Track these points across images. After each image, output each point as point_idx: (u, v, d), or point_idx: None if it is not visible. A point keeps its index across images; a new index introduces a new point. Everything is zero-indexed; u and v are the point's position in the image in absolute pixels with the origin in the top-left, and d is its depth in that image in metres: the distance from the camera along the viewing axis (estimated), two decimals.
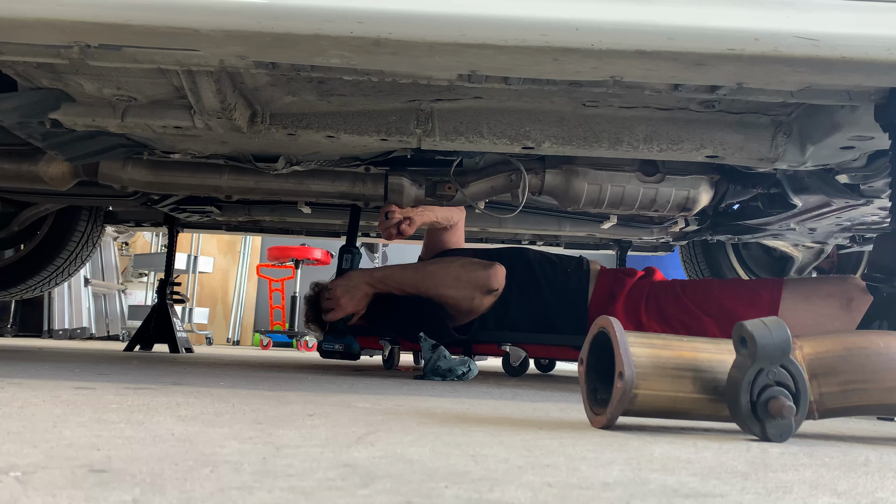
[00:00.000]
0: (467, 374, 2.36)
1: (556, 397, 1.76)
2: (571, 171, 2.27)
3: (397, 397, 1.52)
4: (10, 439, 0.76)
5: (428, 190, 2.45)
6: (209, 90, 1.70)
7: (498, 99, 1.88)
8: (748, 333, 1.01)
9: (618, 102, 1.85)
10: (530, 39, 1.30)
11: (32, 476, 0.58)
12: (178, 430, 0.88)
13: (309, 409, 1.19)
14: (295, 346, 6.51)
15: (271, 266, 7.77)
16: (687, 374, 1.05)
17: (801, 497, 0.64)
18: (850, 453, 0.94)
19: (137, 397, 1.28)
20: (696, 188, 2.27)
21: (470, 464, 0.72)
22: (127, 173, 2.45)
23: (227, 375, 2.05)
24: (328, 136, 1.96)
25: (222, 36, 1.33)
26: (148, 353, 3.50)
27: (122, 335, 6.75)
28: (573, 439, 0.95)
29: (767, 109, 1.87)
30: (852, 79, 1.42)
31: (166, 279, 3.76)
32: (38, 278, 3.61)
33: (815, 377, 1.04)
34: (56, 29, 1.34)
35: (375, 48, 1.35)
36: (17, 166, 2.47)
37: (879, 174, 2.03)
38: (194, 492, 0.55)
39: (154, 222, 3.75)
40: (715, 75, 1.45)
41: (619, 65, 1.39)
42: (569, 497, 0.59)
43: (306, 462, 0.70)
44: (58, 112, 1.86)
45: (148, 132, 1.98)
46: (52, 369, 1.99)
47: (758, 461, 0.83)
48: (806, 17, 1.29)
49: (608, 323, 1.09)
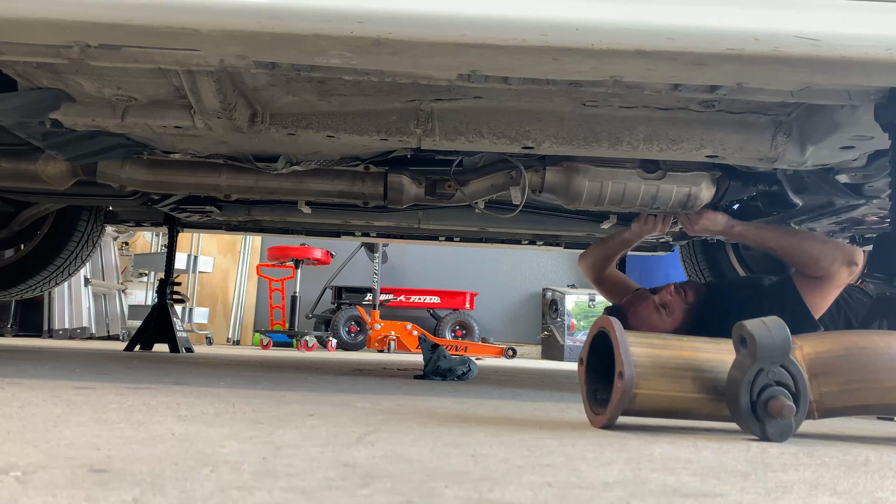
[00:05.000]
0: (467, 374, 2.36)
1: (557, 397, 1.76)
2: (572, 169, 2.26)
3: (397, 397, 1.52)
4: (10, 439, 0.76)
5: (428, 189, 2.45)
6: (209, 90, 1.70)
7: (498, 99, 1.88)
8: (748, 333, 1.01)
9: (618, 102, 1.85)
10: (530, 39, 1.30)
11: (32, 476, 0.58)
12: (179, 430, 0.88)
13: (309, 409, 1.19)
14: (295, 346, 6.50)
15: (271, 266, 7.77)
16: (687, 374, 1.05)
17: (800, 497, 0.64)
18: (850, 453, 0.94)
19: (137, 397, 1.28)
20: (697, 185, 2.26)
21: (470, 463, 0.72)
22: (126, 172, 2.45)
23: (228, 375, 2.05)
24: (328, 135, 1.96)
25: (222, 36, 1.33)
26: (148, 352, 3.50)
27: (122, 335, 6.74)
28: (573, 439, 0.95)
29: (767, 109, 1.87)
30: (852, 79, 1.42)
31: (166, 279, 3.76)
32: (39, 278, 3.61)
33: (815, 377, 1.04)
34: (56, 29, 1.34)
35: (375, 48, 1.35)
36: (15, 165, 2.47)
37: (879, 174, 2.03)
38: (194, 491, 0.55)
39: (154, 222, 3.75)
40: (715, 75, 1.45)
41: (619, 65, 1.39)
42: (569, 497, 0.59)
43: (306, 462, 0.70)
44: (58, 112, 1.86)
45: (148, 132, 1.98)
46: (52, 369, 1.99)
47: (758, 461, 0.83)
48: (806, 17, 1.28)
49: (608, 323, 1.09)
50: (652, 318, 2.30)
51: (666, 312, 2.29)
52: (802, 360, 1.05)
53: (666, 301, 2.31)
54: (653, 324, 2.29)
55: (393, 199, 2.46)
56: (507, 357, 6.84)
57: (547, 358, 7.99)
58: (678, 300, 2.31)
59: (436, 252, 8.47)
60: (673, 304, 2.30)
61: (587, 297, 7.74)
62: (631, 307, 2.37)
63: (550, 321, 8.01)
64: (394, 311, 7.84)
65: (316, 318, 7.63)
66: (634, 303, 2.38)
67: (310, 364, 3.21)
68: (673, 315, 2.29)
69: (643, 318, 2.30)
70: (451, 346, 6.76)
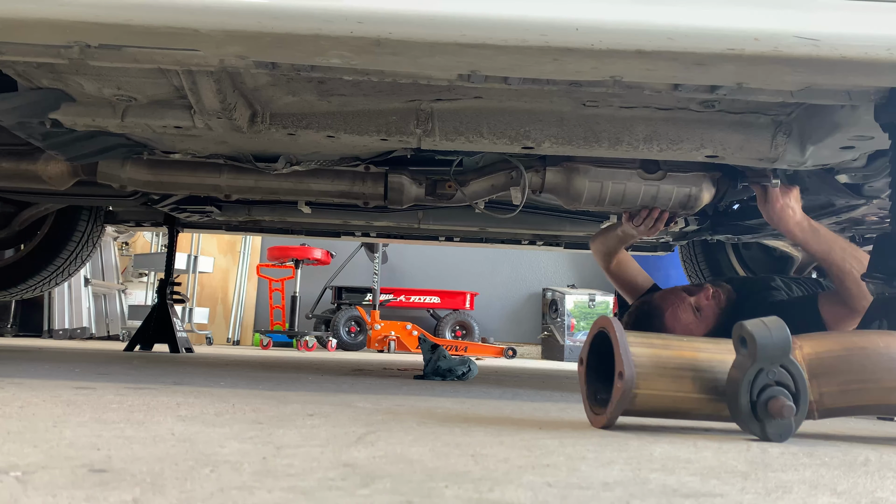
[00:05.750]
0: (467, 374, 2.36)
1: (557, 397, 1.76)
2: (572, 169, 2.26)
3: (397, 397, 1.52)
4: (11, 439, 0.76)
5: (428, 189, 2.45)
6: (209, 90, 1.70)
7: (498, 99, 1.88)
8: (748, 333, 1.01)
9: (618, 102, 1.85)
10: (530, 39, 1.30)
11: (33, 476, 0.58)
12: (179, 430, 0.88)
13: (309, 409, 1.19)
14: (295, 346, 6.50)
15: (271, 266, 7.77)
16: (687, 374, 1.05)
17: (800, 497, 0.64)
18: (850, 453, 0.94)
19: (137, 397, 1.28)
20: (697, 186, 2.26)
21: (470, 463, 0.72)
22: (126, 172, 2.45)
23: (228, 375, 2.05)
24: (328, 136, 1.96)
25: (222, 36, 1.33)
26: (148, 353, 3.50)
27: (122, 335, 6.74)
28: (573, 439, 0.95)
29: (767, 109, 1.87)
30: (852, 79, 1.42)
31: (166, 279, 3.76)
32: (39, 278, 3.61)
33: (814, 377, 1.04)
34: (56, 29, 1.34)
35: (376, 48, 1.35)
36: (15, 165, 2.47)
37: (879, 174, 2.03)
38: (194, 492, 0.55)
39: (154, 222, 3.75)
40: (715, 75, 1.45)
41: (618, 65, 1.39)
42: (569, 497, 0.59)
43: (306, 462, 0.70)
44: (58, 112, 1.86)
45: (148, 132, 1.98)
46: (52, 369, 1.99)
47: (758, 461, 0.83)
48: (806, 17, 1.29)
49: (608, 323, 1.09)
50: (690, 322, 2.26)
51: (701, 316, 2.26)
52: (802, 360, 1.05)
53: (702, 305, 2.27)
54: (689, 328, 2.26)
55: (393, 199, 2.46)
56: (507, 357, 6.85)
57: (547, 358, 7.99)
58: (713, 305, 2.28)
59: (436, 252, 8.47)
60: (708, 308, 2.27)
61: (587, 297, 7.74)
62: (669, 307, 2.30)
63: (550, 321, 8.01)
64: (394, 312, 7.84)
65: (316, 318, 7.63)
66: (672, 303, 2.31)
67: (310, 364, 3.21)
68: (706, 320, 2.26)
69: (683, 321, 2.26)
70: (451, 347, 6.76)
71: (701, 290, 2.31)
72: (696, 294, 2.30)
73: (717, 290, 2.32)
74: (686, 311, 2.27)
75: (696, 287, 2.36)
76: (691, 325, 2.26)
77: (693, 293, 2.31)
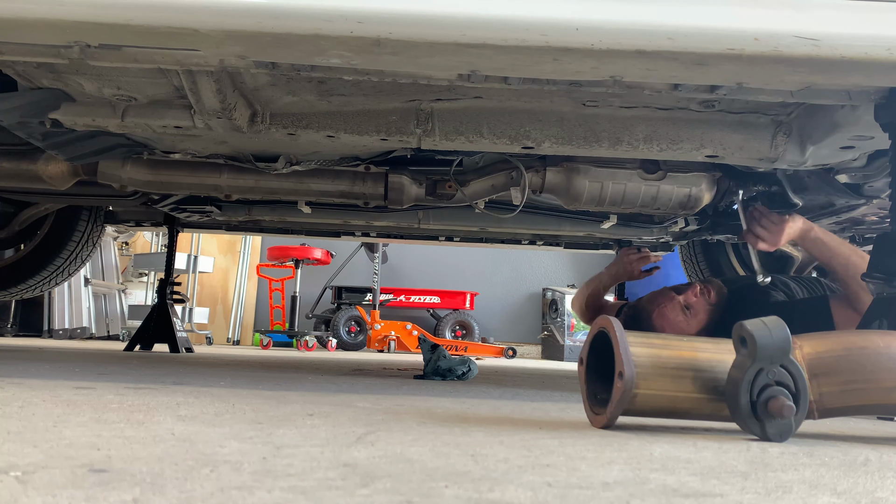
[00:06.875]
0: (467, 374, 2.36)
1: (556, 397, 1.76)
2: (572, 169, 2.26)
3: (397, 397, 1.52)
4: (10, 439, 0.76)
5: (428, 189, 2.45)
6: (209, 90, 1.70)
7: (498, 99, 1.88)
8: (748, 333, 1.01)
9: (618, 102, 1.85)
10: (530, 39, 1.30)
11: (32, 476, 0.58)
12: (179, 430, 0.88)
13: (309, 409, 1.19)
14: (295, 346, 6.50)
15: (271, 266, 7.77)
16: (687, 374, 1.05)
17: (800, 497, 0.64)
18: (850, 453, 0.94)
19: (137, 397, 1.28)
20: (697, 186, 2.26)
21: (470, 463, 0.72)
22: (126, 172, 2.45)
23: (227, 375, 2.05)
24: (328, 135, 1.96)
25: (222, 36, 1.33)
26: (148, 352, 3.50)
27: (122, 335, 6.74)
28: (573, 439, 0.95)
29: (767, 109, 1.87)
30: (852, 79, 1.42)
31: (166, 279, 3.76)
32: (39, 278, 3.61)
33: (814, 377, 1.04)
34: (56, 29, 1.34)
35: (375, 48, 1.35)
36: (15, 165, 2.47)
37: (879, 174, 2.03)
38: (194, 491, 0.55)
39: (154, 222, 3.75)
40: (715, 75, 1.45)
41: (618, 65, 1.39)
42: (569, 497, 0.59)
43: (306, 462, 0.70)
44: (58, 112, 1.86)
45: (148, 132, 1.98)
46: (52, 369, 1.99)
47: (757, 461, 0.83)
48: (806, 17, 1.29)
49: (608, 323, 1.09)
50: (678, 319, 2.25)
51: (691, 314, 2.26)
52: (802, 360, 1.05)
53: (691, 302, 2.26)
54: (679, 326, 2.25)
55: (393, 199, 2.47)
56: (507, 357, 6.84)
57: (547, 358, 7.99)
58: (702, 301, 2.27)
59: (436, 252, 8.47)
60: (697, 305, 2.26)
61: None
62: (656, 307, 2.30)
63: (550, 321, 8.01)
64: (394, 311, 7.84)
65: (316, 318, 7.63)
66: (659, 303, 2.31)
67: (310, 364, 3.21)
68: (697, 317, 2.25)
69: (669, 319, 2.26)
70: (451, 346, 6.76)
71: (689, 288, 2.31)
72: (684, 292, 2.30)
73: (705, 286, 2.32)
74: (674, 309, 2.27)
75: (684, 286, 2.37)
76: (681, 322, 2.26)
77: (681, 291, 2.31)
